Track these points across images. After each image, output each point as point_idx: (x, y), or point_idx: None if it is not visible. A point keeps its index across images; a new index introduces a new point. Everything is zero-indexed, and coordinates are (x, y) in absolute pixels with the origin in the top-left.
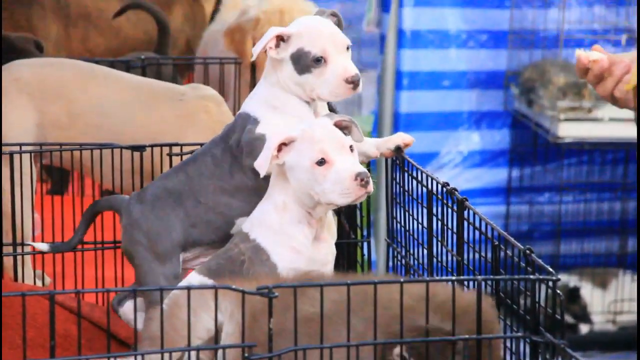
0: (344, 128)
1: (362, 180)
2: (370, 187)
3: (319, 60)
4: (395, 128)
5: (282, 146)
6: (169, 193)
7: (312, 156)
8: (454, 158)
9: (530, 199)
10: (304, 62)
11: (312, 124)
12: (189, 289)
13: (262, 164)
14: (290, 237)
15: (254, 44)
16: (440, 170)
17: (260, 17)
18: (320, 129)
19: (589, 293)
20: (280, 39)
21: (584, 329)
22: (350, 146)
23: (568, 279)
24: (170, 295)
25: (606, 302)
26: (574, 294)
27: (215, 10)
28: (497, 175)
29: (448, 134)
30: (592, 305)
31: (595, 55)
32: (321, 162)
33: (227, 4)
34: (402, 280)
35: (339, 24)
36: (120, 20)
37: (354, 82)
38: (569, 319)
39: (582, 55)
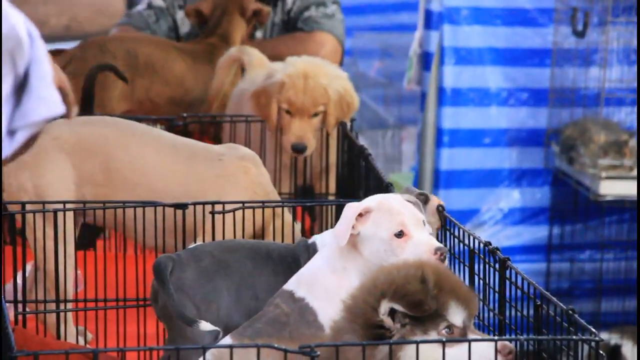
0: None
1: (440, 254)
2: (446, 262)
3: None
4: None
5: (357, 217)
6: (229, 270)
7: (391, 228)
8: (494, 215)
9: (571, 256)
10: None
11: (387, 197)
12: (231, 347)
13: (342, 234)
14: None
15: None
16: (481, 228)
17: (285, 80)
18: (397, 202)
19: (630, 351)
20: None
21: None
22: (423, 221)
23: (609, 337)
24: (214, 352)
25: None
26: (615, 352)
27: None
28: (537, 233)
29: (488, 191)
30: None
31: None
32: (399, 235)
33: (254, 63)
34: (444, 339)
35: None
36: (182, 70)
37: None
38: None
39: None
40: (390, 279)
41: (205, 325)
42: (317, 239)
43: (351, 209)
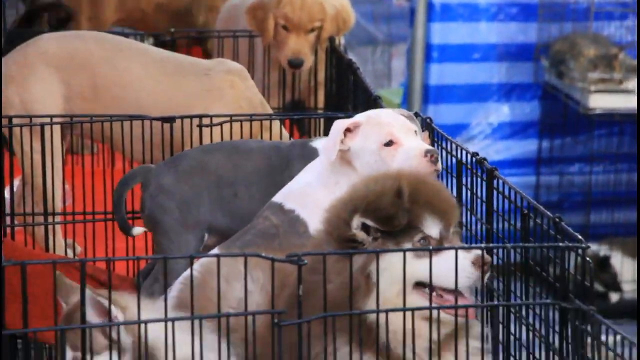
0: None
1: (431, 156)
2: (439, 165)
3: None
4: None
5: (346, 132)
6: (207, 170)
7: (380, 138)
8: (484, 130)
9: (561, 169)
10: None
11: (376, 111)
12: (219, 256)
13: (330, 149)
14: None
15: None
16: (471, 142)
17: None
18: (385, 114)
19: (619, 262)
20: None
21: (614, 297)
22: (415, 131)
23: (598, 249)
24: (201, 262)
25: (636, 271)
26: (604, 263)
27: None
28: (527, 147)
29: (478, 106)
30: (622, 274)
31: None
32: (389, 144)
33: None
34: (430, 248)
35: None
36: None
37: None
38: (599, 287)
39: None
40: (363, 194)
41: (137, 230)
42: (318, 145)
43: (339, 124)
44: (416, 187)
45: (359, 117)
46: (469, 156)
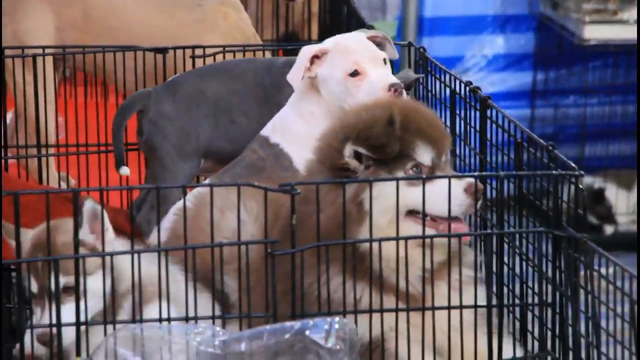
0: (377, 45)
1: (395, 90)
2: (404, 98)
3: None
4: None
5: (314, 59)
6: (204, 98)
7: (346, 67)
8: (478, 62)
9: (555, 102)
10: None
11: (345, 37)
12: (212, 186)
13: (295, 77)
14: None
15: None
16: (465, 74)
17: None
18: (354, 41)
19: (614, 194)
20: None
21: (608, 229)
22: (384, 59)
23: (593, 181)
24: (194, 193)
25: (630, 203)
26: (598, 196)
27: None
28: (521, 79)
29: (472, 37)
30: (616, 207)
31: None
32: (354, 74)
33: None
34: (424, 177)
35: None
36: None
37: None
38: (593, 220)
39: None
40: (355, 122)
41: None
42: None
43: (306, 50)
44: (408, 115)
45: (327, 43)
46: (462, 86)
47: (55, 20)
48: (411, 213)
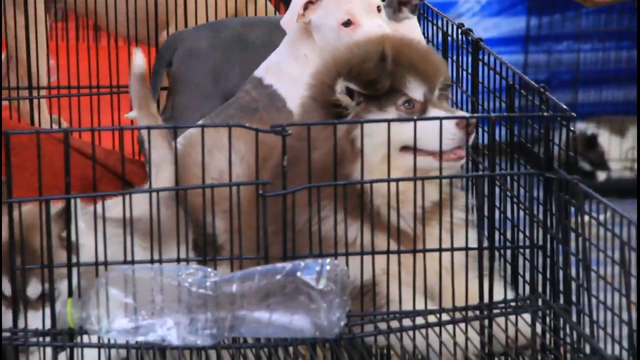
0: None
1: None
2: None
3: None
4: None
5: (308, 4)
6: (244, 44)
7: (339, 17)
8: (472, 7)
9: (549, 47)
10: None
11: None
12: (203, 127)
13: (288, 22)
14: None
15: None
16: (458, 19)
17: None
18: None
19: (607, 140)
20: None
21: (601, 176)
22: (378, 7)
23: (586, 127)
24: (184, 135)
25: (624, 149)
26: (591, 142)
27: None
28: (515, 24)
29: None
30: (609, 153)
31: None
32: (347, 23)
33: None
34: (415, 117)
35: None
36: None
37: None
38: (586, 166)
39: None
40: (347, 58)
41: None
42: None
43: None
44: (400, 50)
45: None
46: (454, 27)
47: None
48: (405, 148)
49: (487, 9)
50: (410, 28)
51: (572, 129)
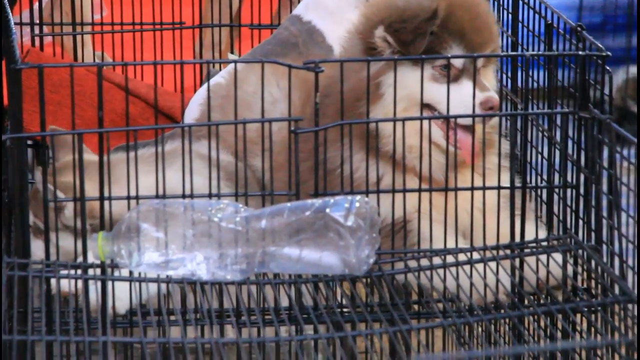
0: None
1: None
2: None
3: None
4: None
5: None
6: None
7: None
8: None
9: None
10: None
11: None
12: (235, 62)
13: None
14: (348, 20)
15: None
16: None
17: None
18: None
19: None
20: None
21: None
22: None
23: None
24: (228, 69)
25: None
26: None
27: None
28: None
29: None
30: None
31: None
32: None
33: None
34: (449, 55)
35: None
36: None
37: None
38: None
39: None
40: (396, 8)
41: None
42: None
43: None
44: (453, 12)
45: None
46: None
47: None
48: (426, 107)
49: None
50: None
51: (607, 68)
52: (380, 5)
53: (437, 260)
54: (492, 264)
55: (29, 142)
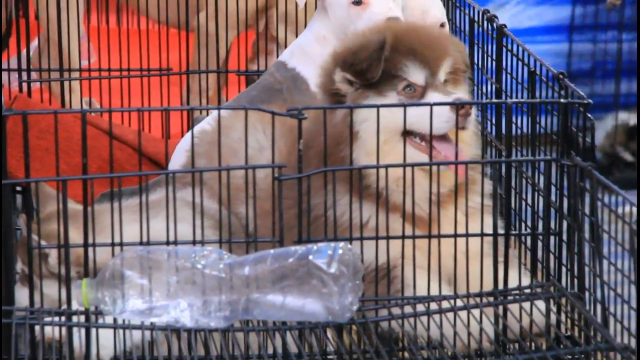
0: None
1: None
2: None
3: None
4: None
5: None
6: None
7: None
8: None
9: (593, 37)
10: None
11: None
12: (219, 109)
13: None
14: None
15: None
16: (503, 8)
17: None
18: None
19: None
20: None
21: None
22: None
23: (629, 117)
24: (214, 116)
25: None
26: (633, 132)
27: None
28: (560, 13)
29: None
30: None
31: None
32: (358, 2)
33: None
34: (431, 103)
35: None
36: None
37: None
38: (628, 156)
39: None
40: (346, 48)
41: None
42: None
43: None
44: (400, 36)
45: None
46: (479, 12)
47: None
48: (408, 133)
49: None
50: (433, 5)
51: (588, 115)
52: (333, 54)
53: (420, 308)
54: (476, 312)
55: (18, 188)
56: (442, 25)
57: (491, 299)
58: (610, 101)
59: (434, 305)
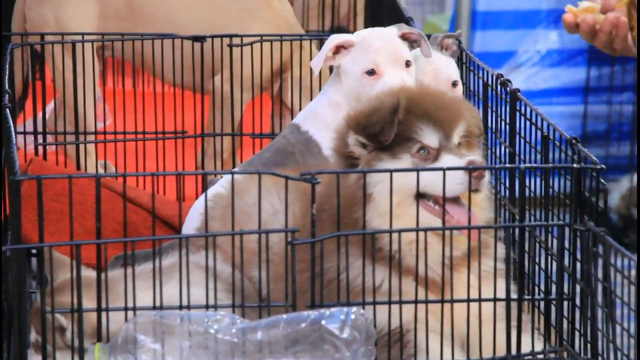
0: (412, 42)
1: None
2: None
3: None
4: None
5: (340, 48)
6: None
7: (364, 65)
8: (531, 57)
9: (609, 98)
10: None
11: (373, 32)
12: (232, 173)
13: (316, 64)
14: None
15: None
16: (518, 70)
17: None
18: (380, 39)
19: None
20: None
21: None
22: (407, 61)
23: None
24: (227, 179)
25: None
26: None
27: None
28: (575, 75)
29: (526, 32)
30: None
31: (583, 7)
32: (371, 72)
33: None
34: (444, 167)
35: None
36: None
37: None
38: None
39: (567, 16)
40: (359, 111)
41: None
42: None
43: (332, 39)
44: (414, 99)
45: (356, 36)
46: (493, 77)
47: (99, 9)
48: (419, 196)
49: (547, 59)
50: (446, 63)
51: (602, 181)
52: (347, 117)
53: None
54: None
55: (33, 250)
56: (455, 83)
57: None
58: (626, 163)
59: None
